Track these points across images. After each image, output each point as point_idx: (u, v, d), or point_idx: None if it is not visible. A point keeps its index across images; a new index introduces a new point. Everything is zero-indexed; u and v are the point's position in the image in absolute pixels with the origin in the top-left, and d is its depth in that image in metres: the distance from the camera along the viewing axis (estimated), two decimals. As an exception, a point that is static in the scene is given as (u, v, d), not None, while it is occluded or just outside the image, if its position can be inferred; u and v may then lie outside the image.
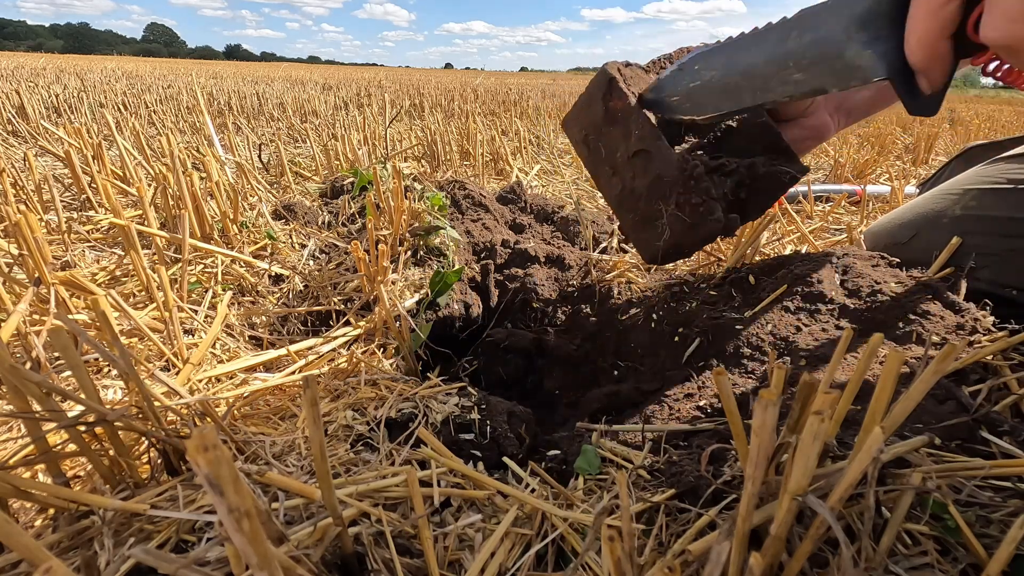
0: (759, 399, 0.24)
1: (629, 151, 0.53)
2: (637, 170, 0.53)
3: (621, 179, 0.55)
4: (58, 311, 0.63)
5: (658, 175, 0.52)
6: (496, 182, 1.81)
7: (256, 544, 0.20)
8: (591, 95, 0.56)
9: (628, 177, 0.54)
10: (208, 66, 13.94)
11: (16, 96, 2.61)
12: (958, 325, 0.53)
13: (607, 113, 0.54)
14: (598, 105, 0.55)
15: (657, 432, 0.49)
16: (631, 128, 0.53)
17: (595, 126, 0.56)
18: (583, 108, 0.57)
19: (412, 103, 4.43)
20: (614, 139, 0.54)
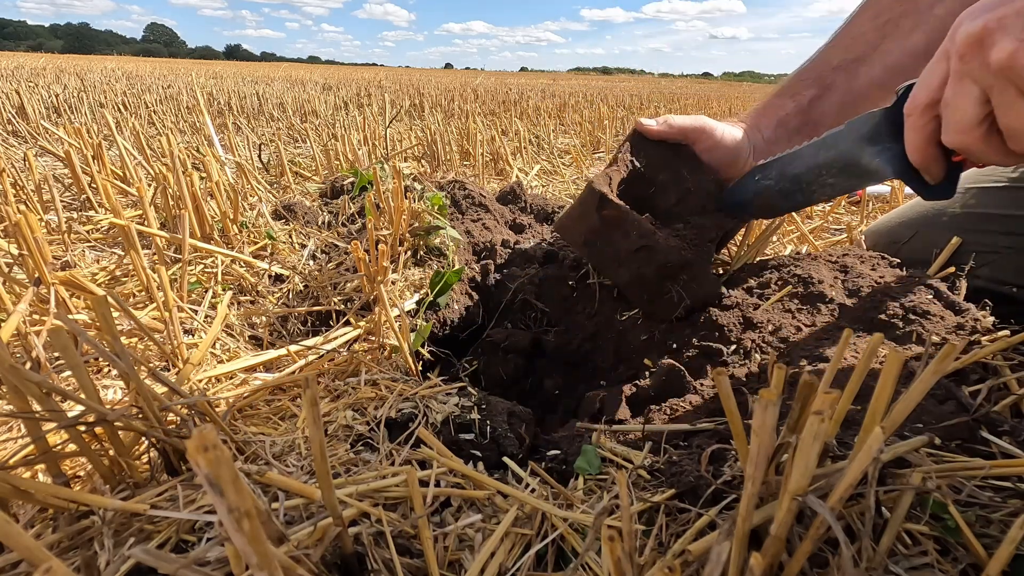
0: (759, 399, 0.24)
1: (631, 247, 0.62)
2: (642, 261, 0.62)
3: (628, 269, 0.64)
4: (58, 311, 0.63)
5: (663, 263, 0.61)
6: (496, 182, 1.81)
7: (256, 544, 0.20)
8: (585, 208, 0.63)
9: (635, 267, 0.63)
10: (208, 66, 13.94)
11: (16, 96, 2.61)
12: (958, 325, 0.53)
13: (603, 221, 0.62)
14: (593, 216, 0.62)
15: (657, 432, 0.49)
16: (629, 230, 0.61)
17: (594, 231, 0.64)
18: (579, 219, 0.65)
19: (412, 103, 4.43)
20: (615, 239, 0.63)
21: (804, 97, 0.66)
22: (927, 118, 0.42)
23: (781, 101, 0.67)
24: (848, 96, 0.65)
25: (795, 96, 0.66)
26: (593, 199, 0.62)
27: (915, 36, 0.61)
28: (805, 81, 0.66)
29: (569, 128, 3.30)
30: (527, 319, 0.81)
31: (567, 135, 3.09)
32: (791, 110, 0.66)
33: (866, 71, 0.64)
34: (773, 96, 0.69)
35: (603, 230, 0.63)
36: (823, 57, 0.66)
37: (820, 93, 0.65)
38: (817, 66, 0.66)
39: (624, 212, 0.61)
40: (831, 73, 0.65)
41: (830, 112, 0.65)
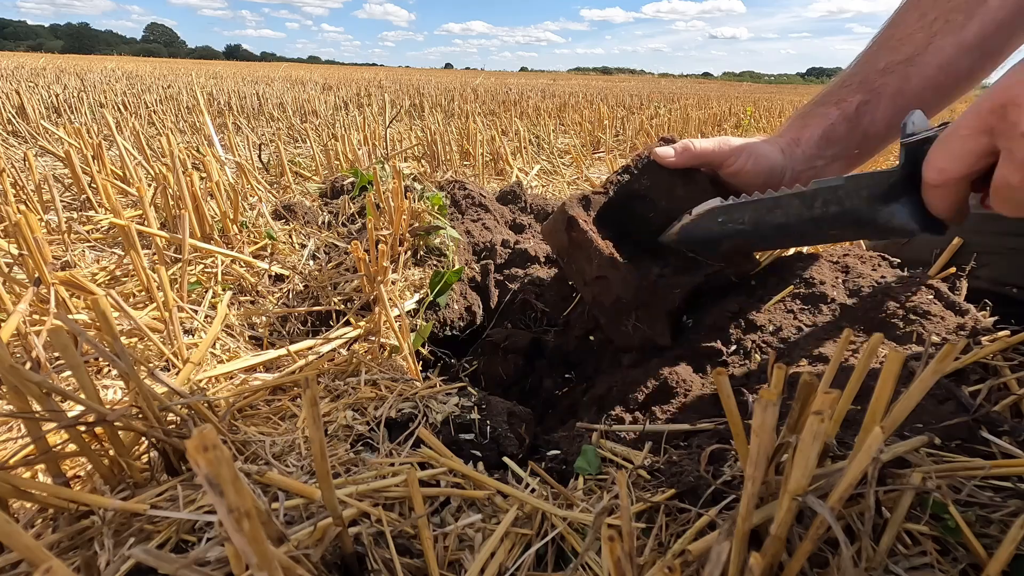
0: (759, 399, 0.24)
1: (593, 274, 0.63)
2: (601, 289, 0.63)
3: (591, 291, 0.65)
4: (58, 311, 0.63)
5: (618, 296, 0.62)
6: (496, 182, 1.81)
7: (256, 544, 0.20)
8: (555, 225, 0.65)
9: (596, 292, 0.64)
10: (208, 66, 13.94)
11: (16, 96, 2.61)
12: (959, 326, 0.53)
13: (571, 240, 0.63)
14: (563, 234, 0.63)
15: (657, 432, 0.49)
16: (592, 256, 0.62)
17: (564, 249, 0.65)
18: (552, 233, 0.66)
19: (412, 103, 4.43)
20: (580, 261, 0.64)
21: (850, 104, 0.60)
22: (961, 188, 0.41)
23: (824, 110, 0.61)
24: (901, 99, 0.59)
25: (840, 103, 0.61)
26: (563, 219, 0.63)
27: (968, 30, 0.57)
28: (850, 87, 0.61)
29: (569, 128, 3.31)
30: (527, 319, 0.81)
31: (567, 135, 3.09)
32: (836, 118, 0.60)
33: (918, 72, 0.58)
34: (814, 105, 0.63)
35: (571, 250, 0.64)
36: (868, 60, 0.61)
37: (868, 99, 0.60)
38: (862, 70, 0.61)
39: (588, 239, 0.61)
40: (879, 77, 0.59)
41: (882, 119, 0.60)
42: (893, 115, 0.59)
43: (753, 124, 3.54)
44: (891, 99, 0.59)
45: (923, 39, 0.58)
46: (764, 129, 3.23)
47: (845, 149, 0.61)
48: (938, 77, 0.58)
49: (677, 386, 0.56)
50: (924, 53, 0.58)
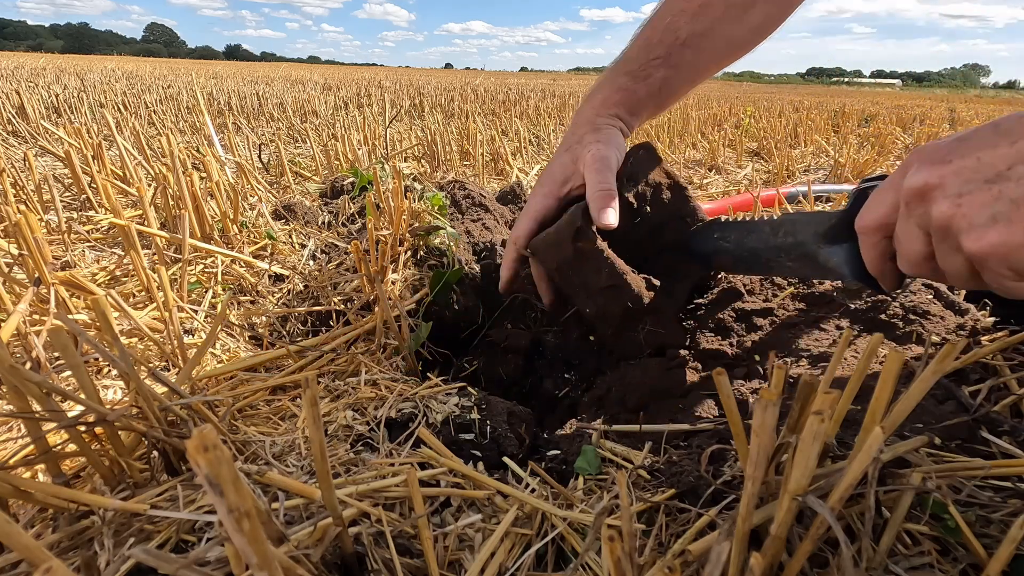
0: (759, 399, 0.24)
1: (601, 284, 0.61)
2: (609, 299, 0.61)
3: (595, 303, 0.63)
4: (58, 311, 0.63)
5: (628, 306, 0.61)
6: (496, 182, 1.81)
7: (256, 544, 0.20)
8: (560, 236, 0.61)
9: (602, 303, 0.62)
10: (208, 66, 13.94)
11: (16, 96, 2.61)
12: (959, 326, 0.53)
13: (576, 251, 0.60)
14: (568, 245, 0.60)
15: (657, 432, 0.49)
16: (601, 266, 0.60)
17: (567, 262, 0.62)
18: (554, 245, 0.63)
19: (412, 103, 4.44)
20: (586, 272, 0.61)
21: (655, 81, 0.64)
22: (878, 238, 0.43)
23: (634, 85, 0.65)
24: (691, 74, 0.66)
25: (647, 79, 0.64)
26: (570, 229, 0.60)
27: (755, 12, 0.63)
28: (656, 61, 0.64)
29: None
30: (527, 319, 0.81)
31: (567, 135, 3.08)
32: (643, 95, 0.65)
33: (709, 46, 0.64)
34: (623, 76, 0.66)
35: (575, 261, 0.61)
36: (671, 26, 0.64)
37: (668, 75, 0.64)
38: (666, 40, 0.64)
39: (598, 248, 0.59)
40: (680, 50, 0.64)
41: (675, 91, 0.67)
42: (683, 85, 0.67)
43: (753, 124, 3.54)
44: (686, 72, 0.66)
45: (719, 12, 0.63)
46: (764, 129, 3.23)
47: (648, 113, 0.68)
48: (722, 52, 0.66)
49: (677, 386, 0.56)
50: (716, 28, 0.63)
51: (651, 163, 0.64)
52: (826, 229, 0.49)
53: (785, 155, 2.30)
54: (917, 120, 4.56)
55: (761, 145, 2.75)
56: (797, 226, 0.52)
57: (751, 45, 0.67)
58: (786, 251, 0.53)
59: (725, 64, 0.69)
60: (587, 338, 0.73)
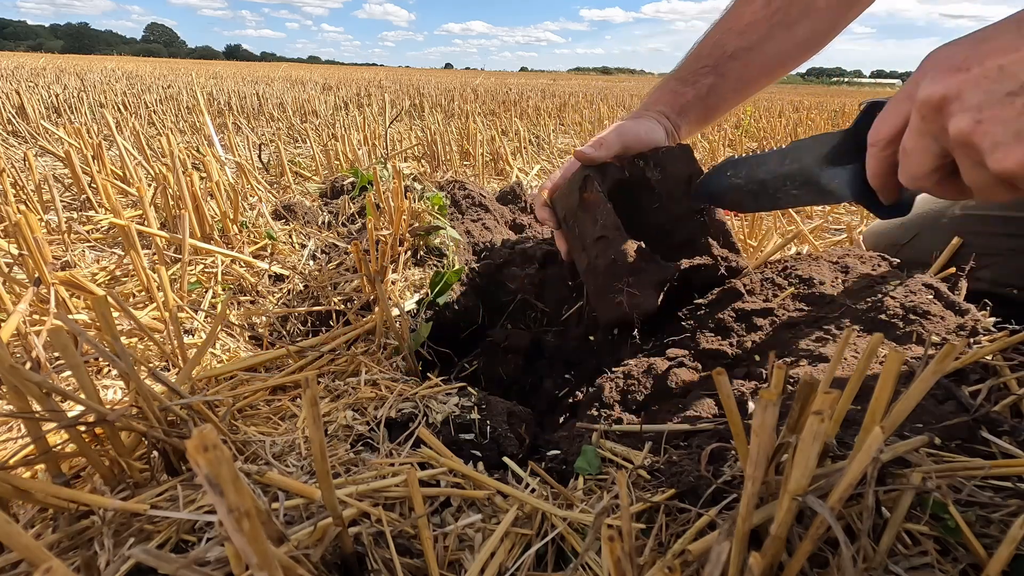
0: (759, 399, 0.24)
1: (595, 235, 0.64)
2: (600, 251, 0.64)
3: (588, 256, 0.66)
4: (58, 311, 0.63)
5: (614, 259, 0.63)
6: (496, 182, 1.81)
7: (256, 544, 0.20)
8: (571, 186, 0.67)
9: (593, 256, 0.65)
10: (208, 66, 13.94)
11: (16, 96, 2.61)
12: (959, 326, 0.53)
13: (581, 202, 0.65)
14: (575, 195, 0.66)
15: (657, 432, 0.49)
16: (598, 217, 0.64)
17: (572, 211, 0.67)
18: (565, 195, 0.68)
19: (412, 103, 4.43)
20: (585, 224, 0.66)
21: (703, 86, 0.70)
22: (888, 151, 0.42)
23: (683, 89, 0.71)
24: (740, 84, 0.71)
25: (695, 84, 0.70)
26: (578, 178, 0.65)
27: (801, 27, 0.67)
28: (704, 69, 0.70)
29: (569, 128, 3.31)
30: (527, 319, 0.81)
31: (567, 135, 3.09)
32: (691, 98, 0.70)
33: (757, 58, 0.69)
34: (674, 81, 0.72)
35: (579, 211, 0.65)
36: (719, 42, 0.70)
37: (716, 82, 0.70)
38: (715, 53, 0.70)
39: (599, 199, 0.63)
40: (727, 61, 0.69)
41: (724, 98, 0.72)
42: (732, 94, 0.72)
43: (753, 124, 3.54)
44: (733, 81, 0.70)
45: (765, 29, 0.67)
46: (764, 129, 3.23)
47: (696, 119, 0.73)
48: (771, 64, 0.70)
49: (677, 386, 0.56)
50: (764, 43, 0.68)
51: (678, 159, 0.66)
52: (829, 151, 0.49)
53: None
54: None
55: (761, 145, 2.75)
56: (802, 151, 0.52)
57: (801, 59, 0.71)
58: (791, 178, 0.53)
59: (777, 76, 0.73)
60: (587, 338, 0.73)
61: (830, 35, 0.70)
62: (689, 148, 0.67)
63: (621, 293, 0.63)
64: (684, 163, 0.66)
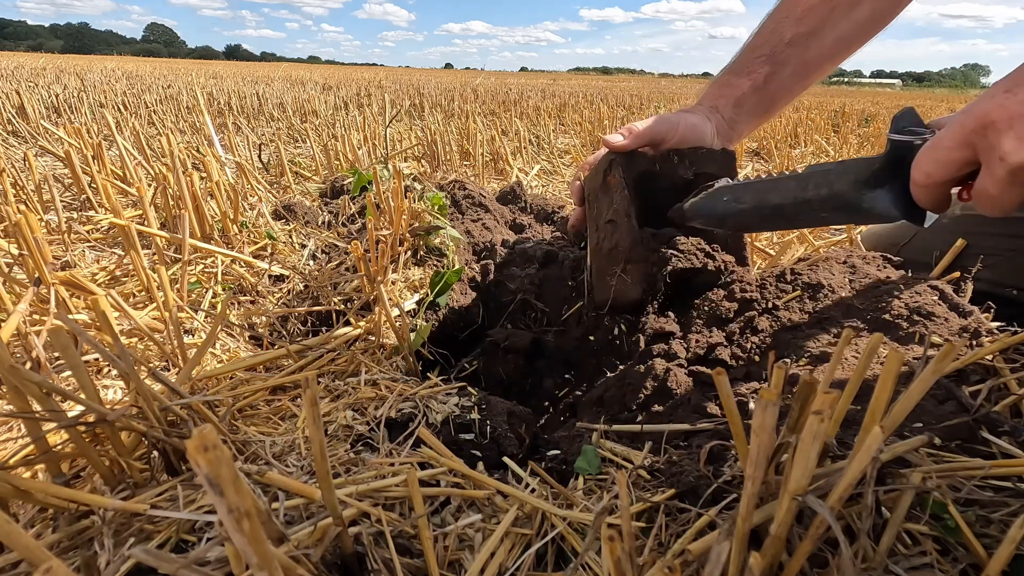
0: (759, 399, 0.24)
1: (606, 217, 0.67)
2: (607, 233, 0.67)
3: (597, 236, 0.69)
4: (58, 311, 0.63)
5: (617, 243, 0.65)
6: (496, 182, 1.81)
7: (256, 544, 0.20)
8: (599, 166, 0.69)
9: (601, 237, 0.68)
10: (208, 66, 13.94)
11: (16, 96, 2.61)
12: (963, 327, 0.53)
13: (604, 183, 0.67)
14: (600, 175, 0.68)
15: (657, 432, 0.49)
16: (613, 200, 0.66)
17: (595, 191, 0.70)
18: (593, 174, 0.71)
19: (412, 103, 4.43)
20: (602, 204, 0.68)
21: (759, 75, 0.67)
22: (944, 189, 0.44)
23: (738, 80, 0.68)
24: (800, 70, 0.68)
25: (751, 74, 0.68)
26: (605, 161, 0.66)
27: (862, 8, 0.65)
28: (760, 59, 0.68)
29: (569, 128, 3.31)
30: (527, 319, 0.81)
31: (567, 135, 3.09)
32: (747, 89, 0.68)
33: (817, 44, 0.66)
34: (728, 74, 0.70)
35: (600, 192, 0.68)
36: (775, 30, 0.67)
37: (774, 70, 0.67)
38: (771, 41, 0.67)
39: (619, 183, 0.64)
40: (785, 49, 0.66)
41: (785, 87, 0.68)
42: (793, 82, 0.69)
43: (753, 124, 3.54)
44: (793, 69, 0.68)
45: (824, 13, 0.65)
46: (764, 129, 3.23)
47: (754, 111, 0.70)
48: (832, 48, 0.67)
49: (677, 386, 0.56)
50: (824, 27, 0.65)
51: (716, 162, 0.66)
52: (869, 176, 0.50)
53: (785, 155, 2.30)
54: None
55: (761, 145, 2.75)
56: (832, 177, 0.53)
57: (862, 41, 0.68)
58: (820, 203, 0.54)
59: (837, 61, 0.69)
60: (587, 338, 0.73)
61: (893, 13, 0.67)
62: (732, 155, 0.67)
63: (615, 277, 0.66)
64: (721, 167, 0.66)
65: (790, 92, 0.70)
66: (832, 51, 0.67)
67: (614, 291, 0.66)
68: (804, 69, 0.68)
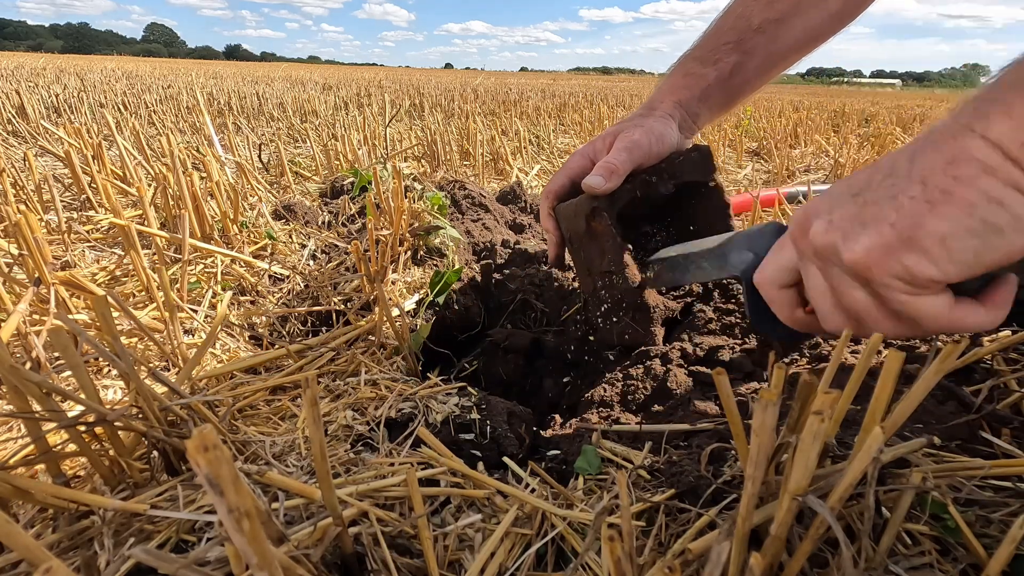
0: (759, 399, 0.24)
1: (602, 267, 0.62)
2: (606, 283, 0.63)
3: (593, 282, 0.65)
4: (58, 311, 0.63)
5: (620, 295, 0.62)
6: (496, 182, 1.81)
7: (256, 544, 0.20)
8: (577, 210, 0.63)
9: (599, 284, 0.64)
10: (208, 66, 13.94)
11: (16, 96, 2.61)
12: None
13: (588, 229, 0.62)
14: (582, 220, 0.62)
15: (657, 432, 0.49)
16: (605, 250, 0.61)
17: (578, 236, 0.64)
18: (571, 216, 0.64)
19: (412, 103, 4.44)
20: (592, 251, 0.63)
21: (725, 65, 0.63)
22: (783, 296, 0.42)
23: (703, 70, 0.64)
24: (766, 62, 0.64)
25: (716, 63, 0.64)
26: (587, 206, 0.61)
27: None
28: (727, 46, 0.63)
29: (569, 128, 3.31)
30: (527, 319, 0.81)
31: (567, 135, 3.09)
32: (713, 80, 0.64)
33: (786, 33, 0.63)
34: (692, 61, 0.65)
35: (586, 238, 0.62)
36: (743, 14, 0.63)
37: (741, 60, 0.63)
38: (738, 26, 0.63)
39: (608, 230, 0.60)
40: (752, 36, 0.63)
41: (748, 81, 0.65)
42: (758, 75, 0.65)
43: (753, 124, 3.54)
44: (760, 59, 0.64)
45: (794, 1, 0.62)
46: (764, 129, 3.23)
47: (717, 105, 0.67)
48: (800, 39, 0.64)
49: (677, 386, 0.56)
50: (794, 15, 0.62)
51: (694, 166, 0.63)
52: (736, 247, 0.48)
53: (785, 155, 2.30)
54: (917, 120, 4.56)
55: (761, 145, 2.75)
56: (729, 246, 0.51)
57: (830, 33, 0.65)
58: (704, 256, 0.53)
59: (803, 53, 0.66)
60: (587, 338, 0.73)
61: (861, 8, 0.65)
62: (707, 151, 0.63)
63: (622, 325, 0.63)
64: (700, 170, 0.63)
65: (752, 86, 0.66)
66: (800, 42, 0.64)
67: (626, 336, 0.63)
68: (770, 60, 0.64)
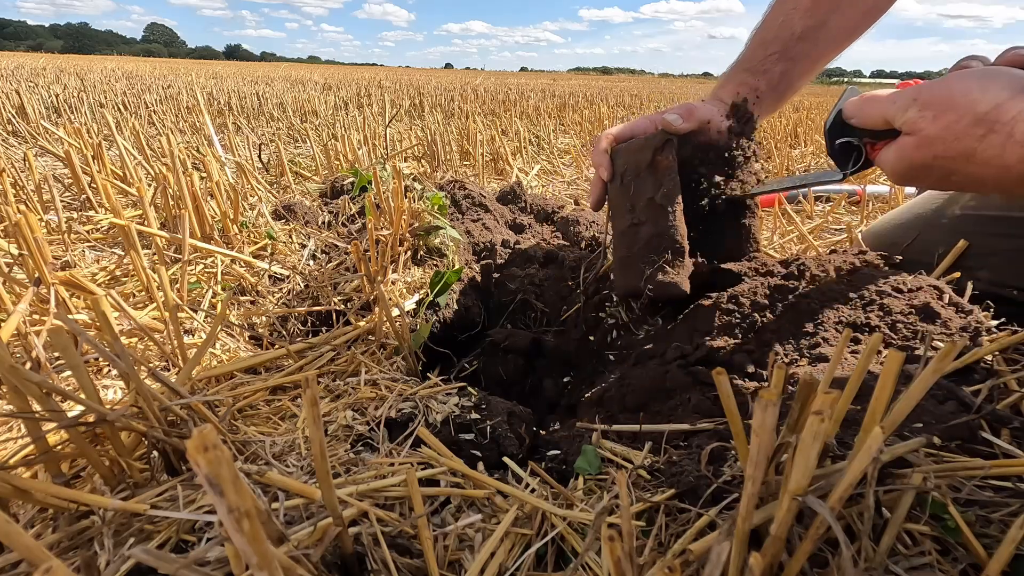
0: (759, 399, 0.24)
1: (653, 200, 0.62)
2: (649, 218, 0.63)
3: (633, 218, 0.64)
4: (58, 311, 0.63)
5: (659, 232, 0.61)
6: (496, 182, 1.81)
7: (256, 544, 0.20)
8: (648, 143, 0.64)
9: (640, 220, 0.64)
10: (208, 66, 13.94)
11: (16, 96, 2.61)
12: (963, 327, 0.53)
13: (652, 162, 0.63)
14: (648, 153, 0.63)
15: (657, 432, 0.49)
16: (663, 184, 0.62)
17: (637, 168, 0.64)
18: (635, 151, 0.65)
19: (412, 103, 4.43)
20: (646, 185, 0.63)
21: (774, 74, 0.68)
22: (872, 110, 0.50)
23: (752, 80, 0.68)
24: (810, 64, 0.69)
25: (766, 73, 0.68)
26: (657, 140, 0.63)
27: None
28: (773, 56, 0.68)
29: (569, 128, 3.31)
30: (527, 319, 0.81)
31: (567, 135, 3.09)
32: (762, 88, 0.68)
33: (825, 35, 0.67)
34: (742, 71, 0.69)
35: (644, 172, 0.63)
36: (785, 23, 0.67)
37: (787, 68, 0.68)
38: (781, 36, 0.67)
39: (673, 165, 0.62)
40: (796, 44, 0.67)
41: (795, 83, 0.70)
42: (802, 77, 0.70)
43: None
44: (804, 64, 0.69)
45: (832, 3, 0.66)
46: (764, 129, 3.23)
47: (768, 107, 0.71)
48: (838, 38, 0.68)
49: (677, 386, 0.55)
50: (832, 17, 0.66)
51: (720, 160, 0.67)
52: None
53: (785, 155, 2.30)
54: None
55: (761, 145, 2.75)
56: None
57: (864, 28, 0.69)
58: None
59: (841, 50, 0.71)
60: (587, 338, 0.73)
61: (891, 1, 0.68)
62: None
63: (653, 266, 0.61)
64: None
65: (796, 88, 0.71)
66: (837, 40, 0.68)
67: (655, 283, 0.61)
68: (811, 63, 0.69)
